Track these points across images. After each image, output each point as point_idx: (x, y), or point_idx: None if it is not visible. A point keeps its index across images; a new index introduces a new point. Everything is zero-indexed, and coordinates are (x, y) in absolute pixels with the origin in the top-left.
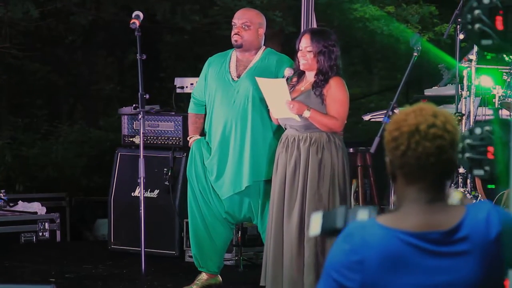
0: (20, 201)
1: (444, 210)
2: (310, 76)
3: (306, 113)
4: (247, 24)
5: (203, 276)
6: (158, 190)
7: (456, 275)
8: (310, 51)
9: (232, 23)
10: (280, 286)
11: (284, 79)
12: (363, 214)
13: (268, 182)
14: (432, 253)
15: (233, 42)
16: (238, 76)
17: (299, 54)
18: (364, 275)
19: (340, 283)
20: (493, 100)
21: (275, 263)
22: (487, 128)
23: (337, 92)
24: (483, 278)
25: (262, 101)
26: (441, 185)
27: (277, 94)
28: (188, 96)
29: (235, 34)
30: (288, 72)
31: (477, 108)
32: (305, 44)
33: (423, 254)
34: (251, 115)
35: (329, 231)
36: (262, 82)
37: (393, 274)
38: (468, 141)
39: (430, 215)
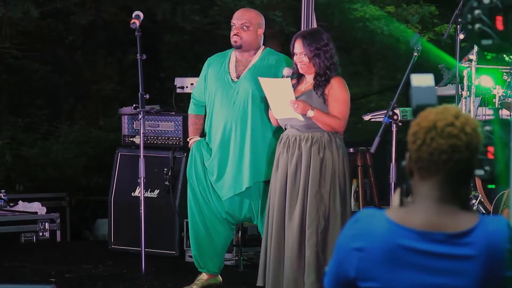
0: (20, 201)
1: (454, 214)
2: (310, 77)
3: (310, 113)
4: (246, 24)
5: (203, 276)
6: (158, 190)
7: (455, 278)
8: (304, 55)
9: (231, 24)
10: (281, 286)
11: (289, 79)
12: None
13: (268, 182)
14: (433, 254)
15: (232, 42)
16: (238, 77)
17: (295, 58)
18: (361, 262)
19: (340, 266)
20: (493, 100)
21: (276, 263)
22: (487, 128)
23: (339, 92)
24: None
25: (262, 101)
26: (454, 186)
27: (280, 94)
28: (188, 96)
29: (234, 34)
30: (287, 71)
31: (477, 108)
32: (299, 49)
33: (423, 253)
34: (251, 115)
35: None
36: (265, 82)
37: (389, 268)
38: None
39: (437, 215)
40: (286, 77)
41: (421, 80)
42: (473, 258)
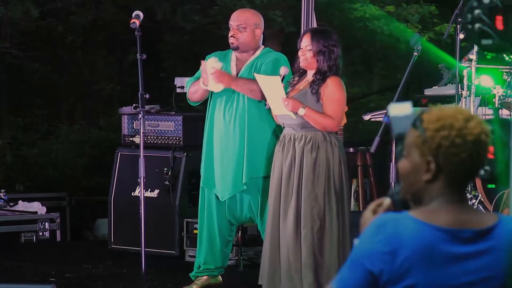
0: (20, 200)
1: (474, 211)
2: (310, 75)
3: (301, 111)
4: (242, 26)
5: (203, 276)
6: (158, 190)
7: (485, 273)
8: (310, 50)
9: (229, 25)
10: (278, 287)
11: (279, 77)
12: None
13: (267, 178)
14: (463, 252)
15: (230, 44)
16: (237, 75)
17: (299, 52)
18: (393, 266)
19: (369, 271)
20: (493, 99)
21: (271, 263)
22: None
23: (334, 91)
24: (506, 282)
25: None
26: (463, 186)
27: (273, 91)
28: None
29: (231, 36)
30: (283, 70)
31: (477, 108)
32: (305, 43)
33: (454, 251)
34: (248, 113)
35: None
36: (260, 78)
37: (422, 268)
38: None
39: (461, 214)
40: (283, 76)
41: (398, 109)
42: (499, 251)
